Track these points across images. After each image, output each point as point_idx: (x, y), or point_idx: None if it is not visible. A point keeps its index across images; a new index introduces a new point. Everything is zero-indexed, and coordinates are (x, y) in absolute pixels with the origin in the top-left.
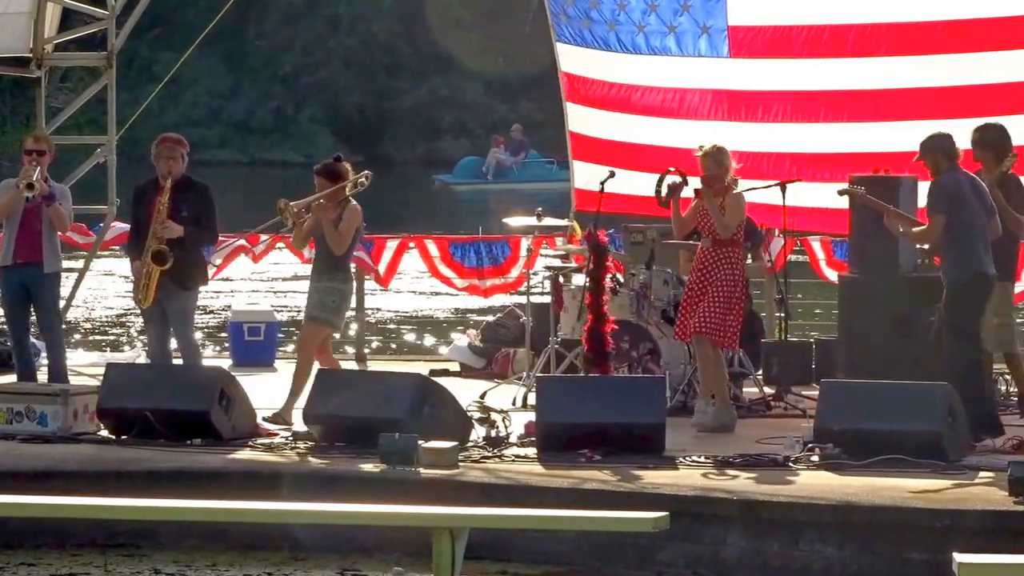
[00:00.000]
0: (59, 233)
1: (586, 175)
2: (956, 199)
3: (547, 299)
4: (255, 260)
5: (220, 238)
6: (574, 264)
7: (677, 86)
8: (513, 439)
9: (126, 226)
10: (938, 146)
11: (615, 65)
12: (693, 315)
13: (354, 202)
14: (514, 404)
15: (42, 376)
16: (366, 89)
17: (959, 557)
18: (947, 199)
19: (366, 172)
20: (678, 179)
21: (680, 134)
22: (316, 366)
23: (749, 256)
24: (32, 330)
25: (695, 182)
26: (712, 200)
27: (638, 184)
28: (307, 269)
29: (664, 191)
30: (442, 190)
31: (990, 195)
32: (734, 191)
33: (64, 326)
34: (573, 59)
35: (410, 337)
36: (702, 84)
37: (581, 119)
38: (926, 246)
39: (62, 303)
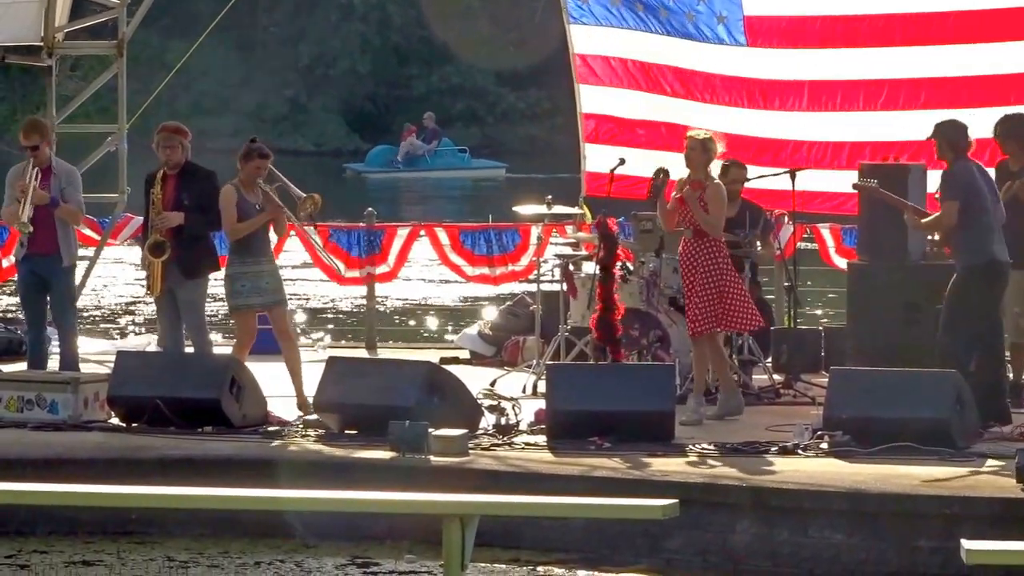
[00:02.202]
0: (75, 226)
1: (598, 158)
2: (970, 187)
3: (557, 287)
4: None
5: None
6: (584, 252)
7: (696, 69)
8: (523, 427)
9: (141, 218)
10: (943, 134)
11: (633, 43)
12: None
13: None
14: (524, 392)
15: (53, 363)
16: (378, 77)
17: (967, 544)
18: (961, 186)
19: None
20: (660, 177)
21: (698, 116)
22: (327, 353)
23: (759, 244)
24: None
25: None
26: (698, 209)
27: (654, 163)
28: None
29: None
30: (354, 178)
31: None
32: (714, 181)
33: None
34: (588, 39)
35: (420, 325)
36: (721, 70)
37: (595, 99)
38: (936, 236)
39: None
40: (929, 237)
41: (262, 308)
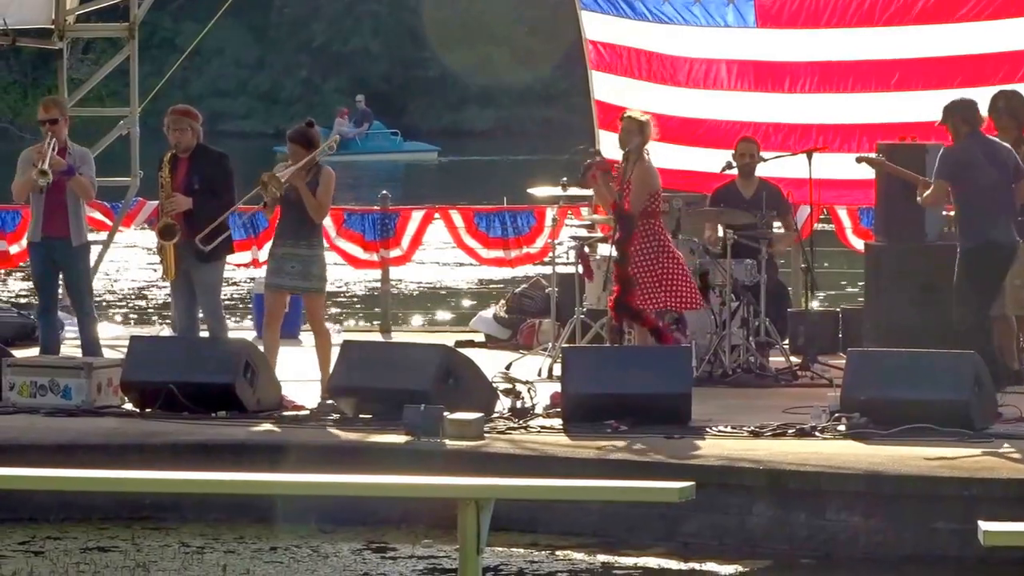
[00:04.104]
0: (85, 203)
1: (612, 144)
2: (965, 167)
3: (572, 269)
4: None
5: None
6: (600, 233)
7: (704, 56)
8: (539, 410)
9: (155, 202)
10: (957, 111)
11: (641, 33)
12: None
13: (327, 167)
14: (539, 375)
15: (73, 350)
16: (392, 58)
17: (985, 525)
18: (953, 165)
19: (335, 137)
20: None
21: (707, 105)
22: (342, 338)
23: (776, 225)
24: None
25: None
26: (607, 187)
27: (664, 156)
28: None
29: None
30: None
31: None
32: (644, 163)
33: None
34: (599, 27)
35: (435, 308)
36: (729, 55)
37: (607, 88)
38: (951, 213)
39: None
40: (943, 213)
41: (277, 290)
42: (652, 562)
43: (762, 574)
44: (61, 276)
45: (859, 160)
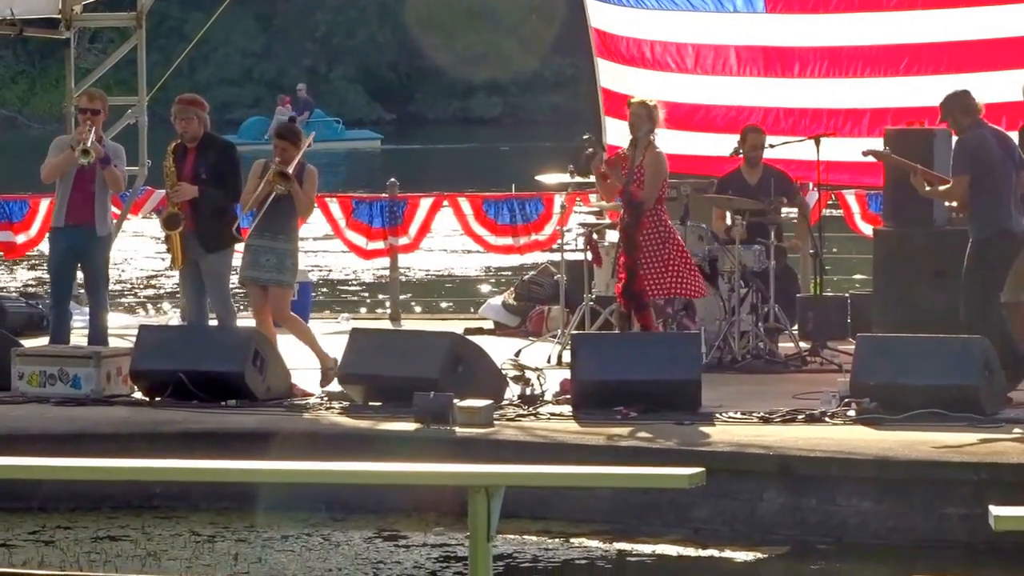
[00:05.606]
0: (111, 194)
1: (618, 132)
2: (980, 157)
3: (581, 256)
4: None
5: None
6: (608, 220)
7: (712, 42)
8: (548, 397)
9: (164, 191)
10: (955, 104)
11: (647, 22)
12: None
13: (310, 165)
14: (549, 362)
15: (80, 339)
16: (399, 46)
17: (996, 510)
18: (969, 157)
19: (312, 133)
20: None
21: (716, 91)
22: (351, 325)
23: (785, 210)
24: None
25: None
26: (619, 175)
27: (672, 142)
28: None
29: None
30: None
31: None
32: (656, 150)
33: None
34: (604, 15)
35: (444, 296)
36: (737, 40)
37: (613, 75)
38: (954, 204)
39: None
40: (947, 204)
41: (254, 282)
42: (670, 550)
43: (777, 560)
44: (79, 266)
45: (865, 153)
